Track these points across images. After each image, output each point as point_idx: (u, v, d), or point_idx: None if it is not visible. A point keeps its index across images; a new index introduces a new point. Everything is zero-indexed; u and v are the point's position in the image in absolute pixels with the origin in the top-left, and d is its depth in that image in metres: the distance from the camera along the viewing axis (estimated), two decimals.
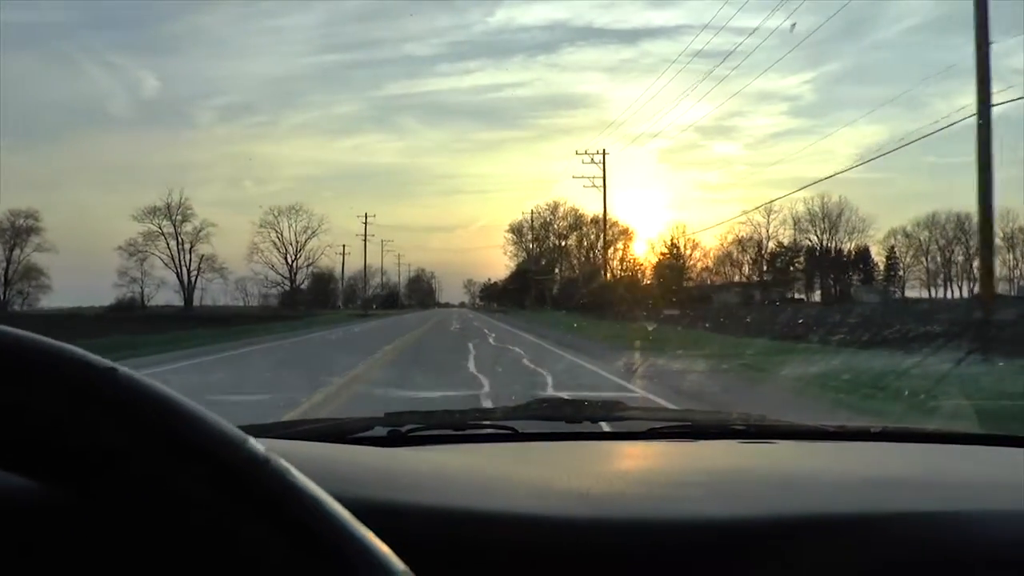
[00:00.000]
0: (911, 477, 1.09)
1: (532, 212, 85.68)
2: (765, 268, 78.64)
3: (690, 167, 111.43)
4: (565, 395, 8.07)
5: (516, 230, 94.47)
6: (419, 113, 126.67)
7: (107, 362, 0.38)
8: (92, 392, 0.37)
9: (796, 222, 77.64)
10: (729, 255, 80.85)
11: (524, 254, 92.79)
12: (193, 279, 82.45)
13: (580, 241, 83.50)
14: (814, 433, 1.49)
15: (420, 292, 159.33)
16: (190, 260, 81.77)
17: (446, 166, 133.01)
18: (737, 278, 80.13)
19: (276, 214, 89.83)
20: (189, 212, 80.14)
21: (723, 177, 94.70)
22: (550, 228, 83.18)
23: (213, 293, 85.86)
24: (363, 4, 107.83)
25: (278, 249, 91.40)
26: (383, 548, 0.39)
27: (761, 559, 0.70)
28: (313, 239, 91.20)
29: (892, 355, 12.93)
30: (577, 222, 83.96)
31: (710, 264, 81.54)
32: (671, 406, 7.74)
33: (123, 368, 0.38)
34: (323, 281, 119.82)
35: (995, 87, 13.81)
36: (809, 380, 11.15)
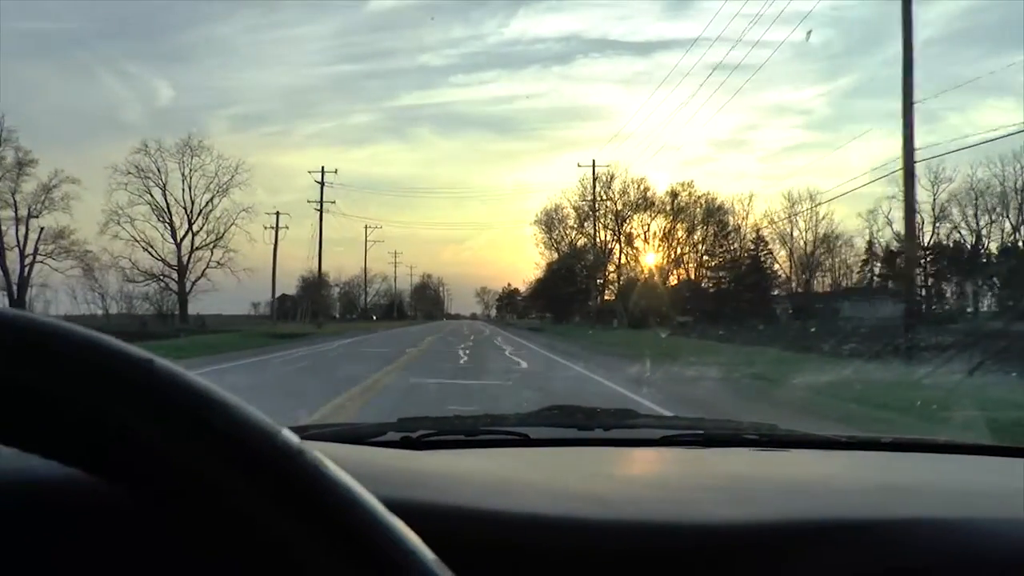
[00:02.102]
0: (921, 485, 1.10)
1: (582, 182, 63.17)
2: (877, 271, 58.70)
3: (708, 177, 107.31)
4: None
5: (545, 222, 75.21)
6: (433, 124, 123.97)
7: (145, 353, 0.39)
8: (129, 382, 0.37)
9: (941, 210, 56.76)
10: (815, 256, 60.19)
11: (555, 252, 73.56)
12: (26, 269, 50.20)
13: (645, 229, 62.09)
14: (825, 443, 1.50)
15: (426, 301, 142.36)
16: (26, 236, 50.24)
17: (459, 176, 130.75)
18: (836, 282, 59.87)
19: (155, 151, 55.65)
20: (26, 159, 48.77)
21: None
22: (597, 213, 62.44)
23: (64, 291, 53.71)
24: (377, 15, 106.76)
25: (159, 216, 56.48)
26: (415, 538, 0.39)
27: (772, 562, 0.72)
28: (225, 198, 58.37)
29: None
30: (645, 198, 61.40)
31: (787, 266, 60.97)
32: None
33: (160, 359, 0.39)
34: (314, 287, 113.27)
35: None
36: None
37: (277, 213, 54.55)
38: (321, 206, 52.37)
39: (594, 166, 52.02)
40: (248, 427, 0.38)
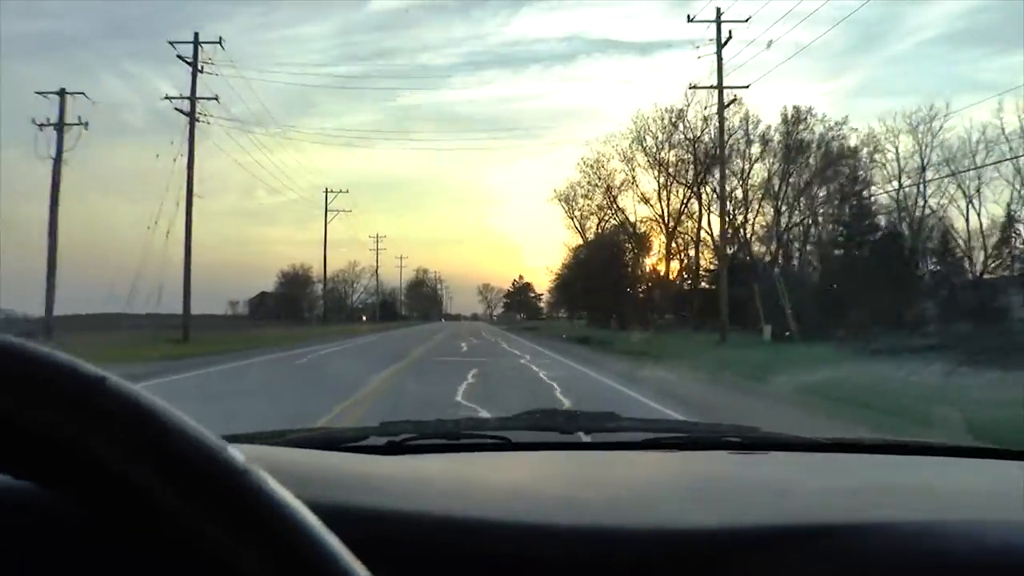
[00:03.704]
0: (900, 487, 1.10)
1: (642, 121, 45.59)
2: None
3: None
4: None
5: (566, 198, 58.53)
6: (434, 123, 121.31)
7: (97, 370, 0.39)
8: (80, 400, 0.38)
9: None
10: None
11: (580, 234, 56.78)
12: None
13: (744, 181, 41.97)
14: (808, 445, 1.49)
15: (423, 300, 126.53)
16: None
17: (460, 176, 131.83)
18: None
19: None
20: None
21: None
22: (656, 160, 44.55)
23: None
24: (379, 15, 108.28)
25: None
26: (353, 561, 0.39)
27: (747, 567, 0.72)
28: None
29: None
30: (747, 131, 40.87)
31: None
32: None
33: (113, 377, 0.39)
34: (298, 284, 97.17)
35: None
36: None
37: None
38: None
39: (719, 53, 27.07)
40: (194, 445, 0.39)
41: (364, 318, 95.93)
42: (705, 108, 40.48)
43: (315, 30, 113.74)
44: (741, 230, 39.36)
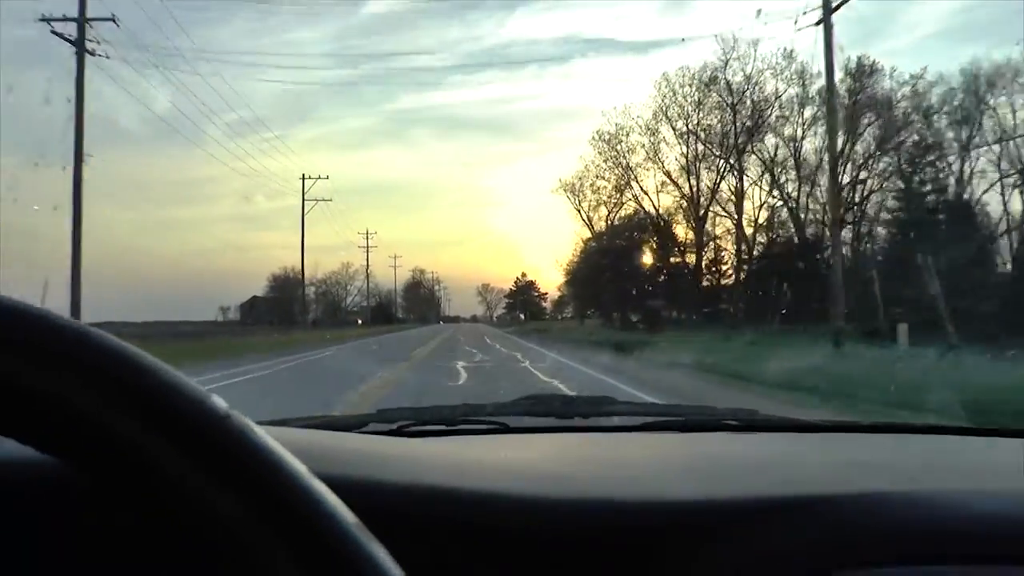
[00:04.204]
0: (897, 462, 1.12)
1: (676, 81, 40.27)
2: None
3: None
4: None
5: (573, 188, 51.62)
6: (431, 126, 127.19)
7: (78, 324, 0.39)
8: (62, 353, 0.38)
9: None
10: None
11: (595, 225, 49.87)
12: None
13: (796, 149, 36.30)
14: (804, 426, 1.50)
15: (419, 301, 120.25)
16: None
17: (458, 179, 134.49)
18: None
19: None
20: None
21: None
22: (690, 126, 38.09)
23: None
24: (374, 18, 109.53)
25: None
26: (337, 501, 0.39)
27: (746, 536, 0.73)
28: None
29: None
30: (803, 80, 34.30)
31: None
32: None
33: (94, 329, 0.39)
34: (289, 287, 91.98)
35: None
36: None
37: None
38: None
39: None
40: (176, 391, 0.39)
41: (360, 321, 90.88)
42: (746, 64, 33.84)
43: (310, 34, 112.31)
44: (804, 205, 32.71)
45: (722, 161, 38.63)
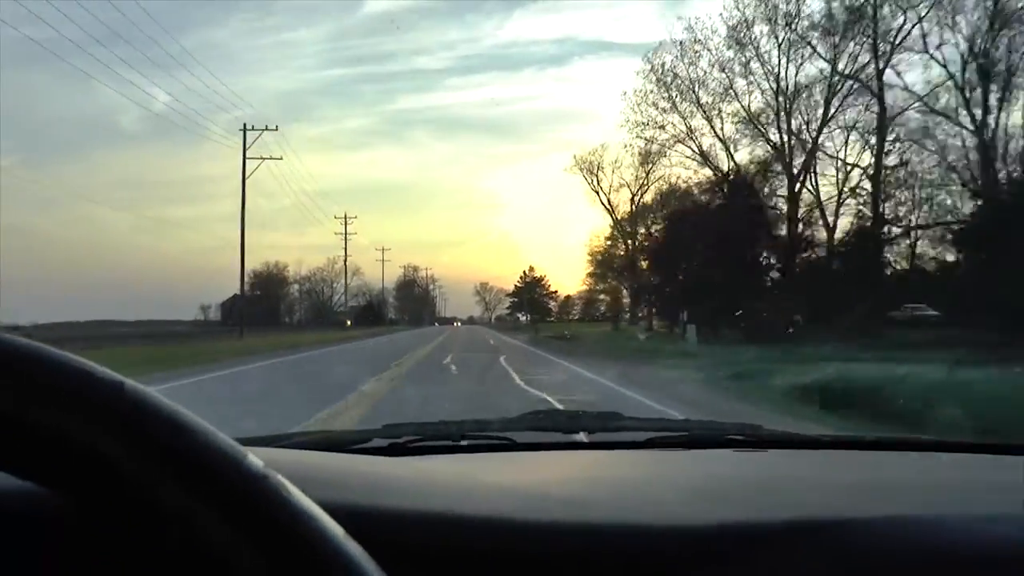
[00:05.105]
0: (902, 482, 1.12)
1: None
2: None
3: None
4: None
5: (590, 166, 44.32)
6: (430, 127, 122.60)
7: (114, 375, 0.39)
8: (98, 405, 0.38)
9: None
10: None
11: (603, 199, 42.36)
12: None
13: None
14: (809, 442, 1.51)
15: (413, 302, 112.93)
16: None
17: (457, 180, 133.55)
18: None
19: None
20: None
21: None
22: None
23: None
24: (373, 18, 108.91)
25: None
26: (373, 567, 0.39)
27: (753, 562, 0.72)
28: None
29: None
30: None
31: None
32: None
33: (130, 382, 0.39)
34: (273, 284, 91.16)
35: None
36: None
37: None
38: None
39: None
40: (213, 452, 0.39)
41: (349, 323, 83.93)
42: None
43: (309, 34, 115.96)
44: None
45: (849, 84, 28.30)
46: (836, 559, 0.72)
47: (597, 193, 50.61)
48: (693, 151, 34.44)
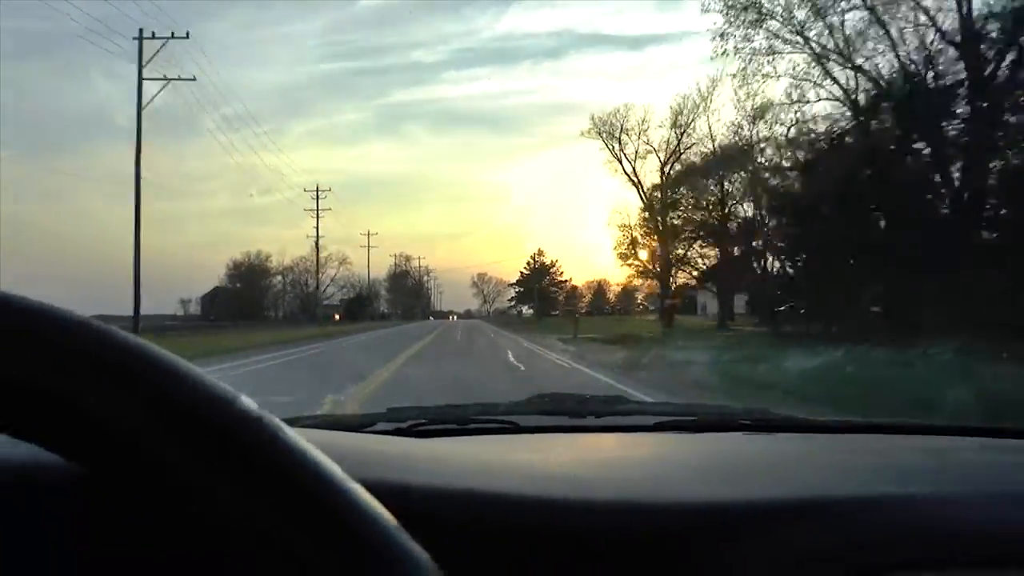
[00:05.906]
0: (913, 463, 1.11)
1: None
2: None
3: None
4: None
5: (610, 129, 37.16)
6: (426, 121, 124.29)
7: (102, 324, 0.38)
8: (86, 354, 0.37)
9: None
10: None
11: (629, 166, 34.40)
12: None
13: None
14: (818, 427, 1.50)
15: (406, 294, 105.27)
16: None
17: (453, 173, 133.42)
18: None
19: None
20: None
21: None
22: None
23: None
24: (369, 12, 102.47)
25: None
26: (374, 503, 0.39)
27: (762, 538, 0.73)
28: None
29: None
30: None
31: None
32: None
33: (120, 331, 0.38)
34: (254, 275, 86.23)
35: None
36: None
37: None
38: None
39: None
40: (206, 394, 0.38)
41: (337, 317, 77.07)
42: None
43: (305, 28, 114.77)
44: None
45: None
46: (846, 536, 0.72)
47: (620, 161, 41.64)
48: (811, 54, 23.46)
